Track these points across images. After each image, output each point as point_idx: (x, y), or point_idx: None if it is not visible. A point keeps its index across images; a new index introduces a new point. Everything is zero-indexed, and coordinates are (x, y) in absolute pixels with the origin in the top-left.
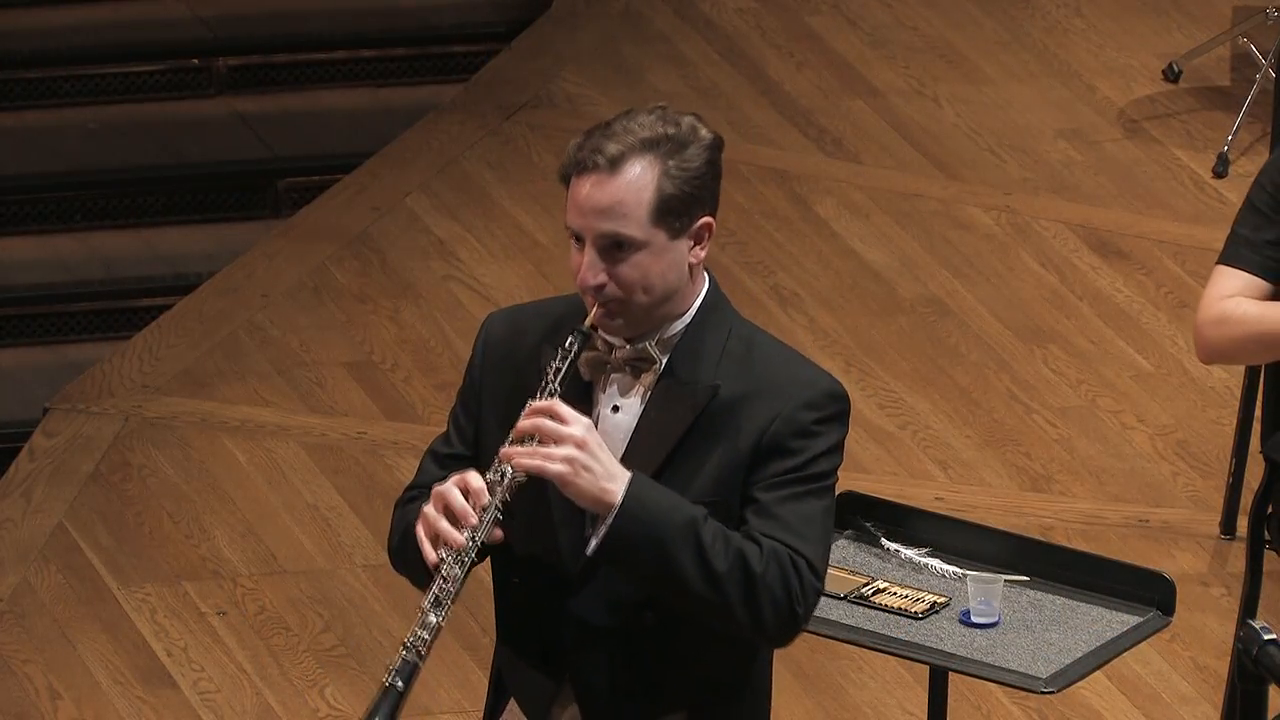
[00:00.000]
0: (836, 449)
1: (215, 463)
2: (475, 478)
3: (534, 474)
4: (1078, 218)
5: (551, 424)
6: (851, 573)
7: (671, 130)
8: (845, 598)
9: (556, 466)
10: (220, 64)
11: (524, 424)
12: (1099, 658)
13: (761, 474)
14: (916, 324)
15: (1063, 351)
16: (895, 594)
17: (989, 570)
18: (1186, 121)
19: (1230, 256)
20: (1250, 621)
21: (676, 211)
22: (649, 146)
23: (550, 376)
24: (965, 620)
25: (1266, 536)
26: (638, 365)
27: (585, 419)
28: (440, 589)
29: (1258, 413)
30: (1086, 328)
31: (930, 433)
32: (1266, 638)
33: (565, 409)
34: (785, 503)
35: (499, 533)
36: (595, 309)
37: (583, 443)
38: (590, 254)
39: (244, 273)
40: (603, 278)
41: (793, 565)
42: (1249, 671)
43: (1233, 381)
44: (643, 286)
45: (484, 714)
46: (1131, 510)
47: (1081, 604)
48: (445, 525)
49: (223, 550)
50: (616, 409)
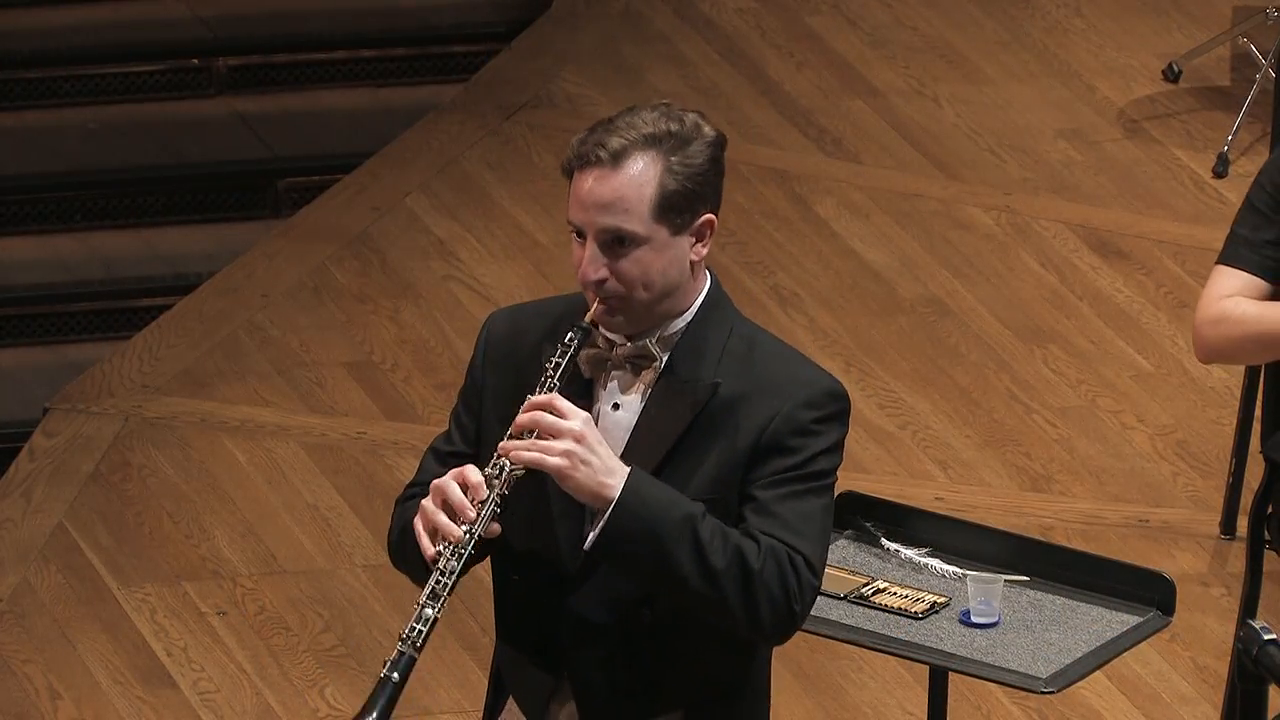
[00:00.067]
0: (836, 448)
1: (215, 463)
2: (474, 472)
3: (532, 467)
4: (1078, 218)
5: (550, 418)
6: (851, 573)
7: (675, 127)
8: (845, 598)
9: (554, 460)
10: (220, 64)
11: (523, 418)
12: (1099, 658)
13: (760, 472)
14: (916, 324)
15: (1063, 351)
16: (895, 594)
17: (989, 570)
18: (1186, 121)
19: (1229, 256)
20: (1250, 621)
21: (678, 208)
22: (652, 142)
23: (550, 371)
24: (965, 620)
25: (1266, 536)
26: (638, 363)
27: (584, 413)
28: (437, 582)
29: (1258, 413)
30: (1086, 328)
31: (930, 433)
32: (1266, 638)
33: (564, 403)
34: (784, 501)
35: (497, 527)
36: (596, 305)
37: (581, 436)
38: (591, 249)
39: (244, 273)
40: (604, 273)
41: (790, 563)
42: (1249, 671)
43: (1233, 381)
44: (643, 282)
45: (483, 713)
46: (1131, 510)
47: (1081, 604)
48: (443, 519)
49: (223, 550)
50: (617, 406)
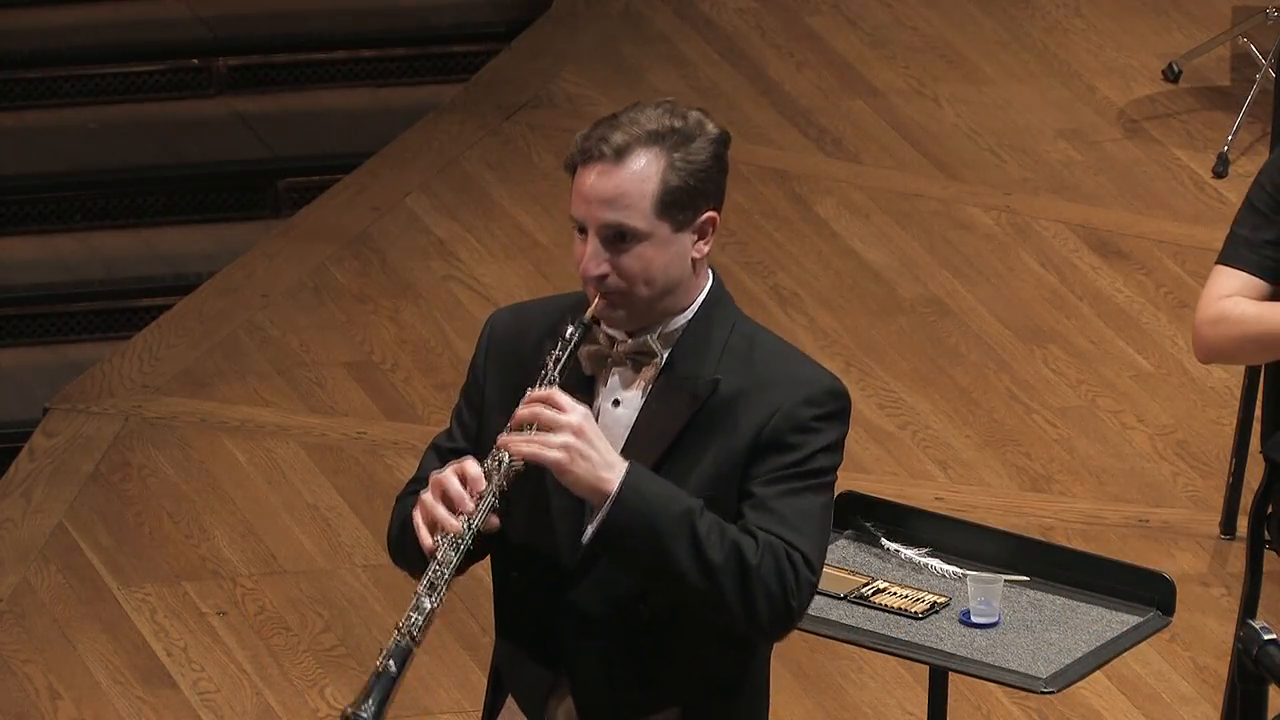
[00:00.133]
0: (836, 446)
1: (215, 463)
2: (473, 465)
3: (531, 461)
4: (1078, 218)
5: (549, 411)
6: (851, 573)
7: (678, 123)
8: (845, 598)
9: (553, 453)
10: (220, 64)
11: (522, 412)
12: (1099, 658)
13: (760, 469)
14: (916, 324)
15: (1063, 351)
16: (895, 594)
17: (989, 570)
18: (1186, 121)
19: (1229, 256)
20: (1250, 621)
21: (681, 204)
22: (655, 138)
23: (550, 366)
24: (965, 620)
25: (1266, 536)
26: (639, 359)
27: (583, 407)
28: (435, 574)
29: (1258, 413)
30: (1086, 328)
31: (930, 433)
32: (1266, 638)
33: (564, 397)
34: (783, 497)
35: (495, 520)
36: (597, 300)
37: (580, 430)
38: (593, 244)
39: (244, 273)
40: (605, 268)
41: (788, 559)
42: (1249, 671)
43: (1233, 381)
44: (645, 278)
45: (483, 712)
46: (1131, 510)
47: (1081, 604)
48: (442, 511)
49: (223, 550)
50: (617, 403)
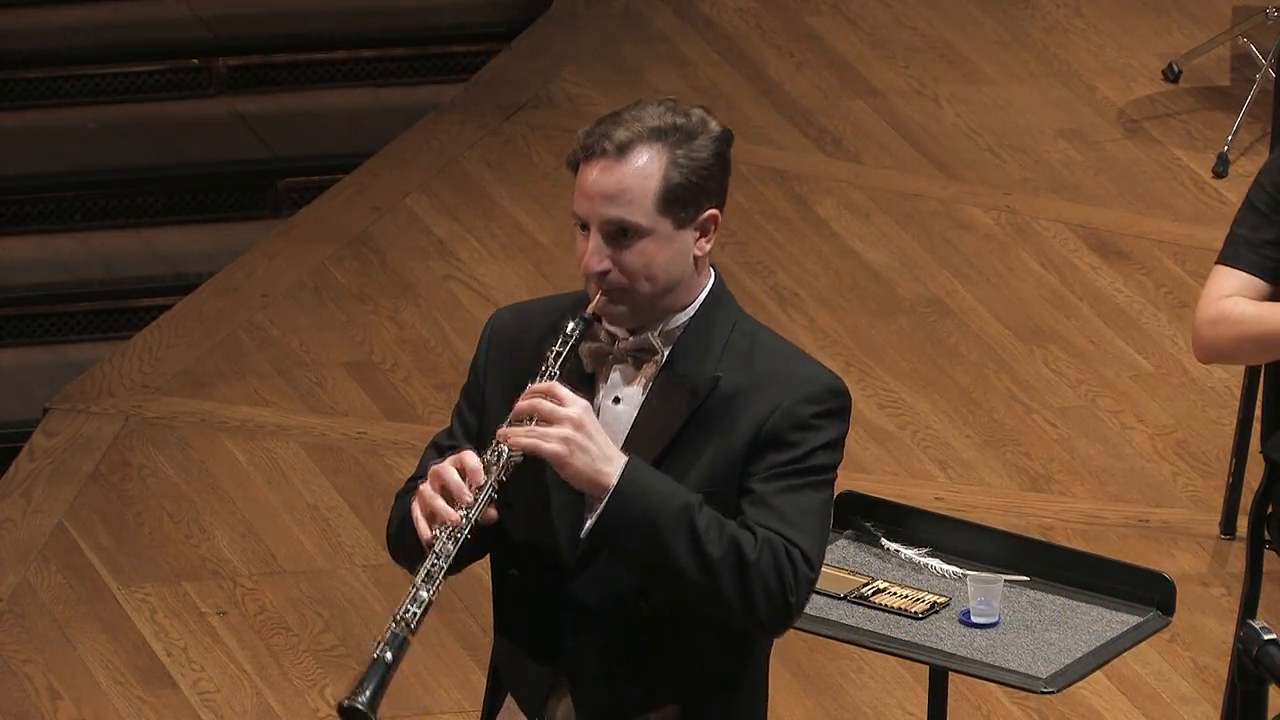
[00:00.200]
0: (836, 445)
1: (215, 463)
2: (471, 457)
3: (529, 453)
4: (1078, 218)
5: (549, 404)
6: (851, 573)
7: (681, 120)
8: (845, 598)
9: (552, 446)
10: (220, 64)
11: (522, 405)
12: (1099, 658)
13: (759, 465)
14: (916, 324)
15: (1063, 351)
16: (895, 594)
17: (989, 570)
18: (1186, 121)
19: (1229, 256)
20: (1250, 621)
21: (683, 201)
22: (658, 135)
23: (550, 361)
24: (965, 620)
25: (1266, 536)
26: (639, 356)
27: (583, 401)
28: (432, 564)
29: (1258, 413)
30: (1086, 328)
31: (930, 433)
32: (1266, 638)
33: (564, 391)
34: (782, 494)
35: (494, 513)
36: (598, 297)
37: (579, 423)
38: (595, 240)
39: (244, 273)
40: (606, 264)
41: (787, 555)
42: (1249, 671)
43: (1233, 381)
44: (646, 275)
45: (482, 711)
46: (1131, 510)
47: (1081, 604)
48: (440, 503)
49: (223, 550)
50: (618, 400)
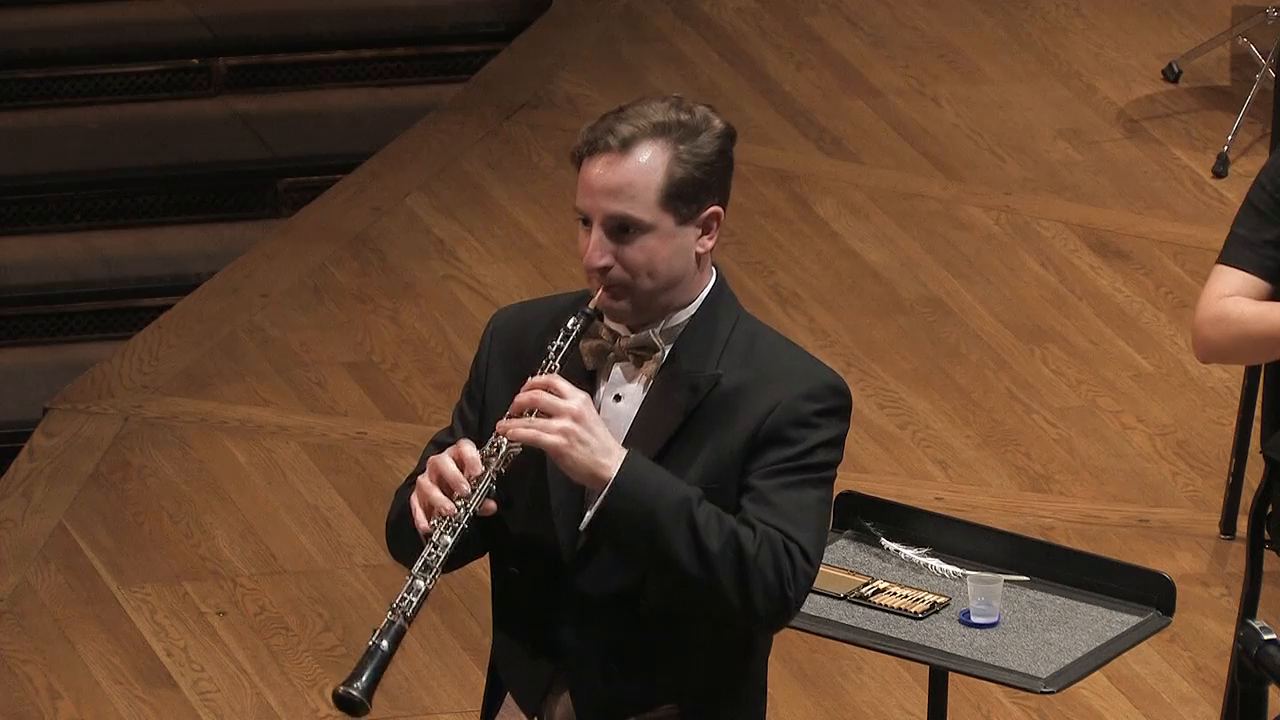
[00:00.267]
0: (835, 443)
1: (215, 463)
2: (470, 448)
3: (529, 445)
4: (1078, 218)
5: (549, 397)
6: (851, 573)
7: (685, 117)
8: (845, 598)
9: (551, 438)
10: (220, 64)
11: (522, 397)
12: (1099, 658)
13: (759, 462)
14: (916, 324)
15: (1063, 351)
16: (895, 594)
17: (989, 570)
18: (1186, 121)
19: (1229, 256)
20: (1250, 621)
21: (685, 197)
22: (662, 131)
23: (551, 355)
24: (965, 620)
25: (1266, 536)
26: (640, 354)
27: (582, 393)
28: (430, 555)
29: (1258, 413)
30: (1086, 328)
31: (930, 433)
32: (1266, 638)
33: (563, 384)
34: (781, 490)
35: (492, 505)
36: (600, 293)
37: (579, 416)
38: (597, 235)
39: (244, 273)
40: (608, 259)
41: (786, 550)
42: (1249, 671)
43: (1233, 381)
44: (648, 270)
45: (481, 711)
46: (1131, 510)
47: (1081, 604)
48: (438, 494)
49: (223, 550)
50: (619, 398)
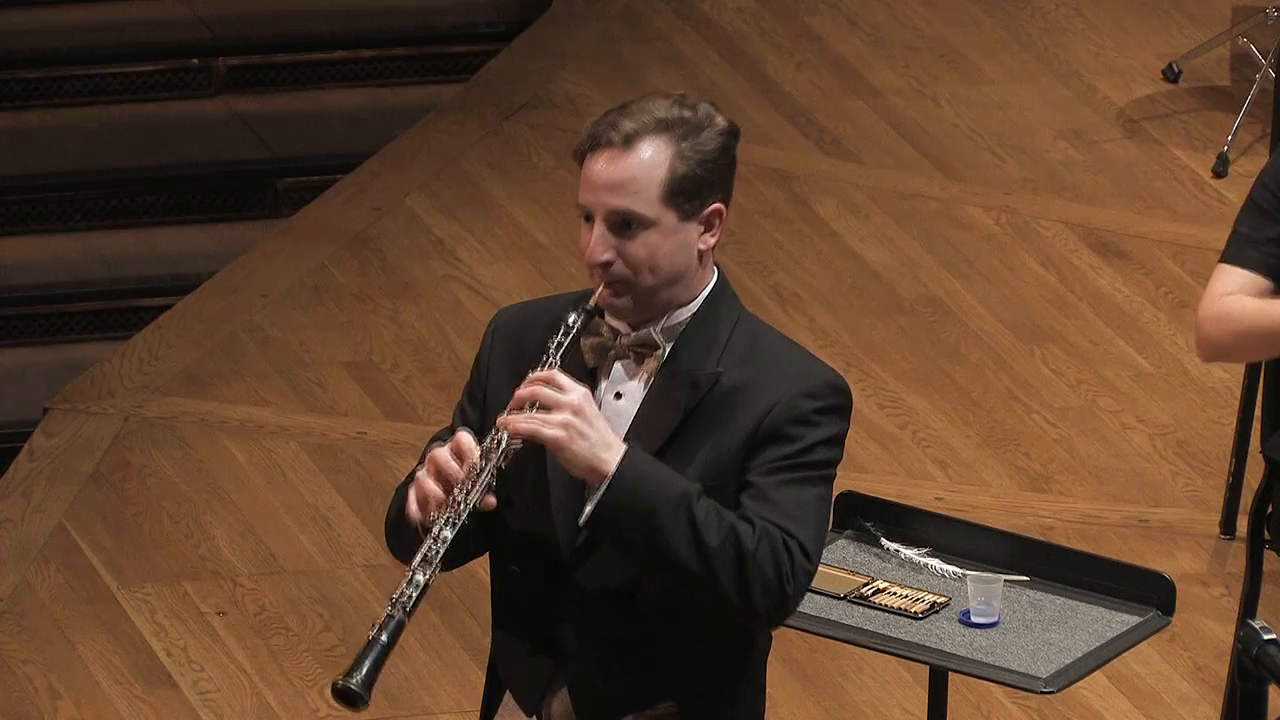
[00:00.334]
0: (835, 441)
1: (215, 463)
2: (468, 438)
3: (529, 438)
4: (1078, 218)
5: (549, 391)
6: (851, 573)
7: (688, 114)
8: (845, 598)
9: (551, 431)
10: (220, 64)
11: (522, 391)
12: (1099, 658)
13: (759, 459)
14: (916, 324)
15: (1063, 351)
16: (895, 594)
17: (989, 570)
18: (1186, 121)
19: (1232, 255)
20: (1250, 621)
21: (688, 193)
22: (665, 127)
23: (551, 350)
24: (965, 620)
25: (1266, 536)
26: (641, 351)
27: (583, 388)
28: (429, 549)
29: (1258, 413)
30: (1086, 328)
31: (930, 433)
32: (1266, 638)
33: (564, 378)
34: (781, 487)
35: (492, 499)
36: (601, 288)
37: (579, 409)
38: (599, 230)
39: (244, 273)
40: (610, 254)
41: (785, 546)
42: (1249, 671)
43: (1233, 381)
44: (650, 266)
45: (481, 711)
46: (1131, 510)
47: (1081, 604)
48: (434, 486)
49: (223, 550)
50: (619, 395)
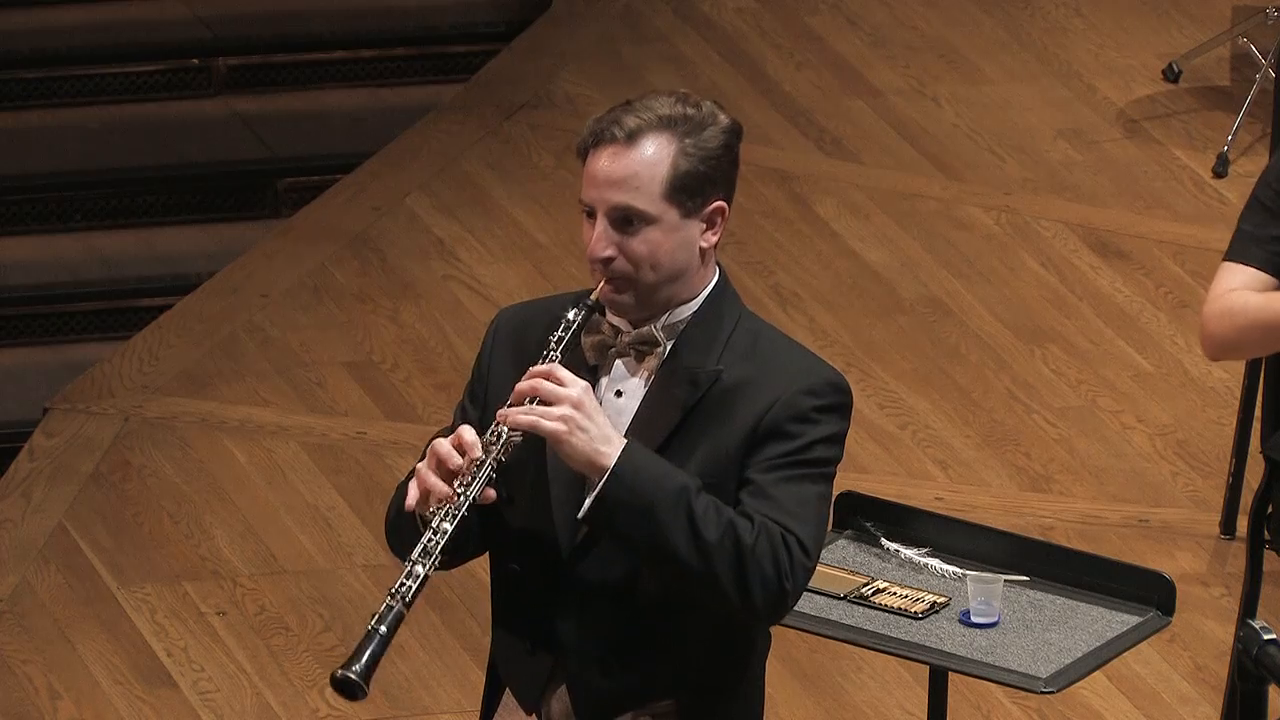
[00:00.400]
0: (835, 439)
1: (215, 463)
2: (469, 433)
3: (529, 431)
4: (1078, 218)
5: (549, 385)
6: (851, 573)
7: (691, 111)
8: (845, 598)
9: (551, 424)
10: (220, 64)
11: (522, 386)
12: (1099, 658)
13: (758, 456)
14: (916, 324)
15: (1063, 351)
16: (895, 594)
17: (989, 570)
18: (1186, 121)
19: (1236, 252)
20: (1250, 621)
21: (690, 190)
22: (667, 124)
23: (552, 345)
24: (965, 620)
25: (1266, 536)
26: (642, 349)
27: (583, 382)
28: (430, 541)
29: (1258, 413)
30: (1086, 328)
31: (930, 433)
32: (1266, 638)
33: (564, 372)
34: (780, 484)
35: (492, 493)
36: (602, 285)
37: (579, 403)
38: (601, 226)
39: (244, 273)
40: (612, 250)
41: (784, 542)
42: (1249, 671)
43: (1233, 381)
44: (651, 263)
45: (481, 709)
46: (1131, 510)
47: (1081, 604)
48: (435, 479)
49: (223, 550)
50: (620, 393)
